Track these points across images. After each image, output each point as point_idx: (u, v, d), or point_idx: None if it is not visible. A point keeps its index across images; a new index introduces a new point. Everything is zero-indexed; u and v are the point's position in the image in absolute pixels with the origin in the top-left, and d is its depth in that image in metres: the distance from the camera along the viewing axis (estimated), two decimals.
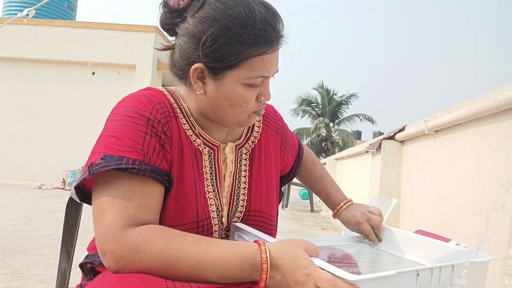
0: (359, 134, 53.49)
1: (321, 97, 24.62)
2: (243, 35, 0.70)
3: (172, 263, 0.63)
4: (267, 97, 0.79)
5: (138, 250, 0.63)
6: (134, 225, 0.66)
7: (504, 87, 1.59)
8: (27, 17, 3.61)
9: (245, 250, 0.64)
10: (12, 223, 3.72)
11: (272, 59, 0.75)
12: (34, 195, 6.60)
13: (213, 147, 0.83)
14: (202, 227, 0.75)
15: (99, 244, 0.66)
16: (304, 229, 4.68)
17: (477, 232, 1.69)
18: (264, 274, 0.62)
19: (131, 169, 0.67)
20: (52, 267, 2.36)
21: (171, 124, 0.77)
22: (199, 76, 0.76)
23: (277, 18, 0.74)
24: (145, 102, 0.75)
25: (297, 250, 0.62)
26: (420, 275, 0.64)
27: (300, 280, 0.60)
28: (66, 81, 9.65)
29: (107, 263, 0.65)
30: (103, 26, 9.68)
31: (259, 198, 0.87)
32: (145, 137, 0.71)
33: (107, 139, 0.70)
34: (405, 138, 2.87)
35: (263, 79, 0.76)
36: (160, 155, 0.72)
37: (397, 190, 2.95)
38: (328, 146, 23.47)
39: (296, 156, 1.05)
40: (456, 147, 2.00)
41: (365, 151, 4.01)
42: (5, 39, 8.99)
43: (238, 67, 0.72)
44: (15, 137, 9.46)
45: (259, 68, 0.73)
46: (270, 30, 0.72)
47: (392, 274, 0.59)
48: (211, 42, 0.71)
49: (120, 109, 0.74)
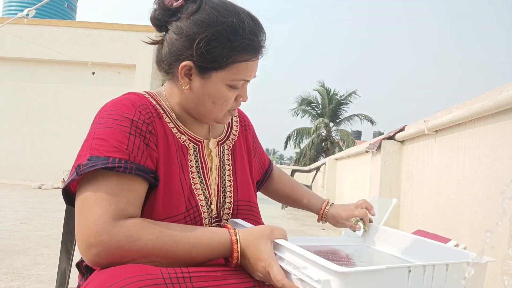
0: (359, 134, 53.50)
1: (322, 97, 24.62)
2: (234, 42, 0.78)
3: (169, 248, 0.69)
4: (244, 99, 0.88)
5: (135, 238, 0.67)
6: (124, 218, 0.69)
7: (504, 87, 1.59)
8: (27, 17, 3.61)
9: (223, 238, 0.73)
10: (12, 223, 3.72)
11: (254, 66, 0.84)
12: (34, 195, 6.61)
13: (197, 143, 0.89)
14: (190, 216, 0.81)
15: (86, 237, 0.67)
16: (304, 229, 4.69)
17: (477, 232, 1.69)
18: (235, 253, 0.72)
19: (118, 167, 0.71)
20: (52, 267, 2.36)
21: (155, 124, 0.82)
22: (187, 73, 0.82)
23: (260, 30, 0.83)
24: (128, 105, 0.80)
25: (260, 242, 0.71)
26: (411, 272, 0.64)
27: (259, 270, 0.69)
28: (66, 81, 9.65)
29: (96, 256, 0.66)
30: (103, 26, 9.68)
31: (244, 189, 0.95)
32: (129, 137, 0.75)
33: (92, 142, 0.74)
34: (405, 138, 2.87)
35: (244, 82, 0.84)
36: (145, 154, 0.76)
37: (397, 190, 2.95)
38: (328, 146, 23.46)
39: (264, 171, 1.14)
40: (456, 147, 2.00)
41: (365, 151, 4.01)
42: (5, 39, 8.99)
43: (224, 69, 0.80)
44: (15, 137, 9.46)
45: (243, 72, 0.82)
46: (256, 40, 0.81)
47: (382, 269, 0.60)
48: (204, 44, 0.78)
49: (103, 113, 0.79)
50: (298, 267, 0.65)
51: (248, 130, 1.06)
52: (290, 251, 0.69)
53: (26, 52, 9.37)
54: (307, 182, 8.86)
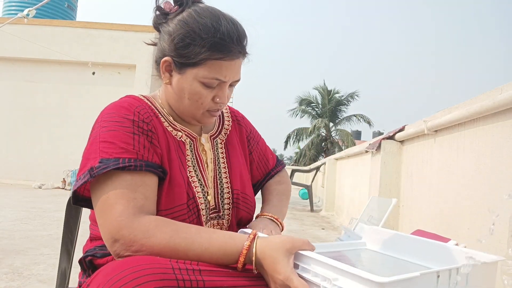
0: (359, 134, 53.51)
1: (321, 96, 24.62)
2: (204, 40, 0.82)
3: (182, 250, 0.70)
4: (222, 100, 0.89)
5: (150, 235, 0.70)
6: (143, 214, 0.74)
7: (504, 87, 1.59)
8: (27, 17, 3.62)
9: (240, 245, 0.72)
10: (12, 223, 3.72)
11: (230, 66, 0.85)
12: (34, 195, 6.61)
13: (192, 138, 0.94)
14: (189, 207, 0.85)
15: (109, 233, 0.71)
16: (304, 228, 4.69)
17: (477, 232, 1.69)
18: (241, 258, 0.71)
19: (129, 166, 0.75)
20: (52, 266, 2.36)
21: (154, 123, 0.86)
22: (167, 68, 0.88)
23: (240, 35, 0.86)
24: (127, 107, 0.85)
25: (278, 254, 0.68)
26: (440, 277, 0.64)
27: (278, 283, 0.67)
28: (66, 81, 9.65)
29: (118, 249, 0.70)
30: (103, 26, 9.69)
31: (240, 180, 0.97)
32: (134, 137, 0.80)
33: (99, 145, 0.78)
34: (405, 138, 2.87)
35: (219, 82, 0.86)
36: (151, 151, 0.81)
37: (397, 190, 2.95)
38: (328, 146, 23.47)
39: (265, 172, 1.11)
40: (456, 147, 2.01)
41: (364, 151, 4.01)
42: (5, 39, 8.99)
43: (197, 66, 0.84)
44: (15, 137, 9.47)
45: (215, 71, 0.84)
46: (229, 41, 0.83)
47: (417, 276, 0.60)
48: (178, 40, 0.84)
49: (105, 117, 0.83)
50: (328, 279, 0.62)
51: (243, 125, 1.09)
52: (316, 261, 0.66)
53: (26, 52, 9.37)
54: (307, 182, 8.87)
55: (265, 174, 1.12)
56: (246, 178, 1.01)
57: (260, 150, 1.12)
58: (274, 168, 1.14)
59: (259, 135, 1.15)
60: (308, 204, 7.54)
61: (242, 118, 1.11)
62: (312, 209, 6.88)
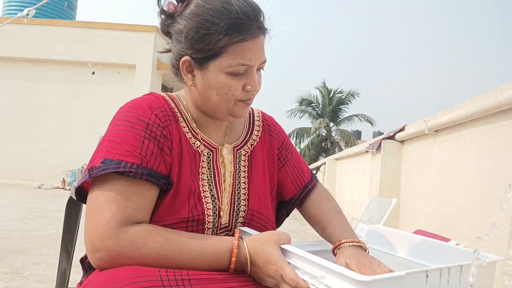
0: (359, 134, 53.52)
1: (322, 96, 24.62)
2: (219, 25, 0.75)
3: (174, 257, 0.68)
4: (253, 87, 0.81)
5: (139, 246, 0.67)
6: (131, 225, 0.70)
7: (504, 87, 1.59)
8: (27, 17, 3.61)
9: (230, 246, 0.72)
10: (12, 222, 3.72)
11: (253, 47, 0.78)
12: (34, 194, 6.61)
13: (212, 149, 0.86)
14: (192, 223, 0.79)
15: (92, 240, 0.68)
16: (304, 229, 4.68)
17: (477, 232, 1.69)
18: (233, 257, 0.71)
19: (129, 172, 0.71)
20: (52, 266, 2.36)
21: (171, 128, 0.81)
22: (188, 69, 0.81)
23: (255, 10, 0.79)
24: (145, 107, 0.79)
25: (268, 246, 0.70)
26: (429, 276, 0.64)
27: (270, 274, 0.68)
28: (66, 81, 9.65)
29: (99, 260, 0.67)
30: (103, 26, 9.69)
31: (257, 199, 0.89)
32: (144, 141, 0.75)
33: (107, 144, 0.75)
34: (405, 138, 2.87)
35: (247, 68, 0.79)
36: (158, 159, 0.76)
37: (397, 190, 2.95)
38: (328, 146, 23.47)
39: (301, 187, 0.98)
40: (456, 147, 2.00)
41: (365, 151, 4.01)
42: (5, 39, 8.99)
43: (219, 56, 0.77)
44: (15, 137, 9.47)
45: (239, 56, 0.77)
46: (246, 18, 0.76)
47: (402, 275, 0.59)
48: (192, 34, 0.77)
49: (121, 115, 0.79)
50: (315, 277, 0.63)
51: (274, 136, 0.98)
52: (305, 260, 0.66)
53: (26, 52, 9.37)
54: None
55: (302, 188, 0.98)
56: (266, 198, 0.91)
57: (294, 161, 1.00)
58: (310, 181, 1.01)
59: (292, 145, 1.03)
60: None
61: (275, 128, 0.99)
62: None
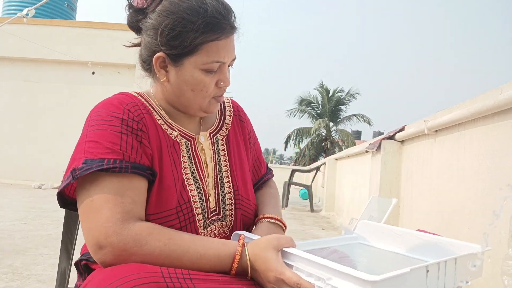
0: (359, 134, 53.55)
1: (321, 96, 24.62)
2: (196, 23, 0.77)
3: (176, 257, 0.68)
4: (225, 83, 0.85)
5: (142, 243, 0.67)
6: (132, 220, 0.70)
7: (504, 87, 1.59)
8: (27, 17, 3.61)
9: (233, 250, 0.72)
10: (12, 222, 3.72)
11: (226, 45, 0.81)
12: (34, 195, 6.61)
13: (189, 138, 0.88)
14: (183, 211, 0.80)
15: (96, 239, 0.68)
16: (304, 229, 4.68)
17: (477, 232, 1.69)
18: (235, 264, 0.71)
19: (113, 168, 0.71)
20: (52, 266, 2.35)
21: (146, 121, 0.81)
22: (162, 65, 0.83)
23: (228, 10, 0.82)
24: (117, 104, 0.80)
25: (267, 252, 0.69)
26: (429, 271, 0.65)
27: (270, 280, 0.67)
28: (66, 81, 9.64)
29: (104, 257, 0.67)
30: (103, 26, 9.68)
31: (241, 180, 0.93)
32: (122, 136, 0.75)
33: (85, 145, 0.74)
34: (405, 138, 2.87)
35: (220, 65, 0.82)
36: (139, 151, 0.77)
37: (397, 190, 2.95)
38: (328, 146, 23.47)
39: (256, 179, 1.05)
40: (456, 147, 2.00)
41: (365, 151, 4.01)
42: (5, 39, 8.98)
43: (194, 53, 0.79)
44: (15, 137, 9.46)
45: (214, 54, 0.80)
46: (221, 18, 0.80)
47: (407, 272, 0.60)
48: (168, 31, 0.79)
49: (93, 115, 0.79)
50: (322, 279, 0.63)
51: (244, 122, 1.03)
52: (310, 262, 0.66)
53: (26, 52, 9.36)
54: (307, 182, 8.86)
55: (258, 179, 1.06)
56: (248, 177, 0.96)
57: (255, 152, 1.06)
58: (266, 174, 1.09)
59: (256, 136, 1.09)
60: (308, 204, 7.53)
61: (244, 115, 1.05)
62: (312, 209, 6.88)
